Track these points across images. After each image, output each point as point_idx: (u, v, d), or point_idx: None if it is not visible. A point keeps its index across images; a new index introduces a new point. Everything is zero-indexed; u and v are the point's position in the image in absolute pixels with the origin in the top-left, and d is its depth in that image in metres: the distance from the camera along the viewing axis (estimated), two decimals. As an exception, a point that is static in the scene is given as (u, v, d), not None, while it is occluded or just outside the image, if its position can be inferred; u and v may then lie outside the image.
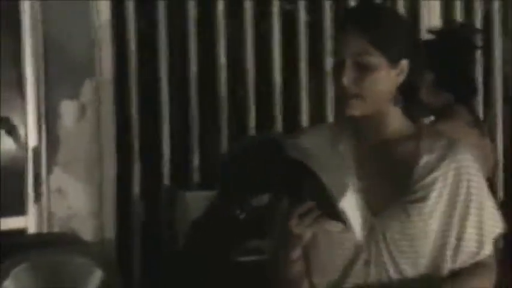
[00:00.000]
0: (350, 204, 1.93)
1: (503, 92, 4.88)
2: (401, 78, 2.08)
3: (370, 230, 2.05)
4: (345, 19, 2.11)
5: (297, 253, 2.03)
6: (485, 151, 3.15)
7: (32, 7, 3.60)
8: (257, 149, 2.00)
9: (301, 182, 1.95)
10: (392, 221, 2.05)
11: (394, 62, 2.06)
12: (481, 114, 4.56)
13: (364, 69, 2.03)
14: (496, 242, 2.16)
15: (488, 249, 2.11)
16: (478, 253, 2.11)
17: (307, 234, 1.99)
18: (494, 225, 2.13)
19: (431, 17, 4.50)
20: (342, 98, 2.06)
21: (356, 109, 2.05)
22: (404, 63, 2.08)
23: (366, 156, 2.10)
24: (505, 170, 4.76)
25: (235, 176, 2.03)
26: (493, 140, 4.05)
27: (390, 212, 2.05)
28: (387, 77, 2.06)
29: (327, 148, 2.13)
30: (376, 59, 2.03)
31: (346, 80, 2.03)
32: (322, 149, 2.11)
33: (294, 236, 1.98)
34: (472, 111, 3.23)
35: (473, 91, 3.37)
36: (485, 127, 3.30)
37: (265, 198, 2.01)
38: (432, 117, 3.13)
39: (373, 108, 2.07)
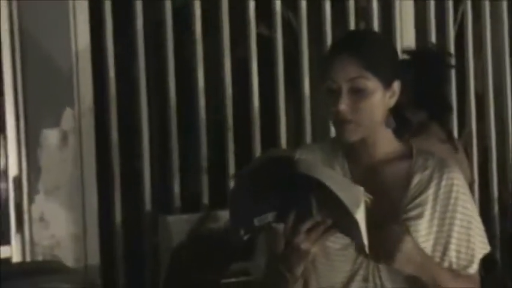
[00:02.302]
0: (362, 216, 1.96)
1: (477, 111, 4.94)
2: (393, 100, 2.14)
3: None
4: (337, 47, 2.16)
5: (300, 270, 2.05)
6: (460, 166, 3.20)
7: (10, 36, 3.61)
8: (268, 165, 2.02)
9: (310, 196, 1.98)
10: None
11: (387, 84, 2.11)
12: (456, 133, 4.62)
13: (360, 95, 2.08)
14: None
15: (474, 268, 2.14)
16: (465, 269, 2.13)
17: (314, 250, 2.01)
18: (482, 245, 2.16)
19: (404, 38, 4.56)
20: (338, 123, 2.11)
21: (353, 134, 2.10)
22: (396, 84, 2.13)
23: (360, 177, 2.13)
24: (480, 189, 4.81)
25: (240, 195, 2.04)
26: (468, 157, 4.09)
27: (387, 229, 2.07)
28: (382, 100, 2.11)
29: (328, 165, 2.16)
30: (372, 83, 2.09)
31: (343, 106, 2.07)
32: (326, 164, 2.14)
33: (300, 252, 2.01)
34: (446, 128, 3.29)
35: (447, 109, 3.43)
36: (459, 143, 3.36)
37: (267, 217, 2.03)
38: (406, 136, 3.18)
39: (368, 132, 2.12)
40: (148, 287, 3.91)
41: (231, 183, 2.04)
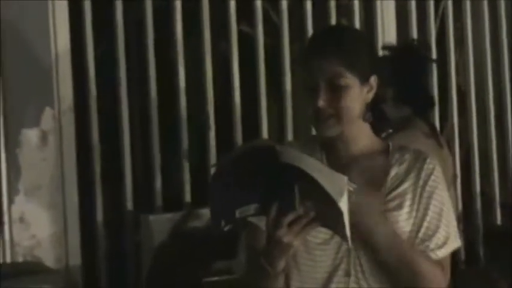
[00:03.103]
0: (346, 206, 1.95)
1: (459, 105, 4.95)
2: (371, 94, 2.17)
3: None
4: (314, 44, 2.18)
5: (283, 264, 2.05)
6: (443, 161, 3.20)
7: (-11, 36, 3.60)
8: (250, 156, 2.01)
9: (295, 187, 1.96)
10: None
11: (365, 79, 2.14)
12: (438, 127, 4.62)
13: (338, 90, 2.11)
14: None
15: (443, 253, 2.15)
16: (434, 252, 2.14)
17: (296, 243, 2.01)
18: (453, 239, 2.17)
19: (385, 35, 4.57)
20: (317, 119, 2.13)
21: (332, 129, 2.13)
22: (373, 79, 2.16)
23: (340, 171, 2.14)
24: (462, 183, 4.82)
25: (221, 187, 2.02)
26: (450, 152, 4.10)
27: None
28: (360, 95, 2.14)
29: None
30: (350, 79, 2.12)
31: (321, 103, 2.10)
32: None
33: (282, 245, 2.00)
34: (429, 123, 3.30)
35: (430, 103, 3.44)
36: (442, 138, 3.37)
37: (250, 209, 2.01)
38: (390, 131, 3.18)
39: (346, 126, 2.14)
40: (130, 287, 3.89)
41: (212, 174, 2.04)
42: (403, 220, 2.13)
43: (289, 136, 4.32)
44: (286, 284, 2.12)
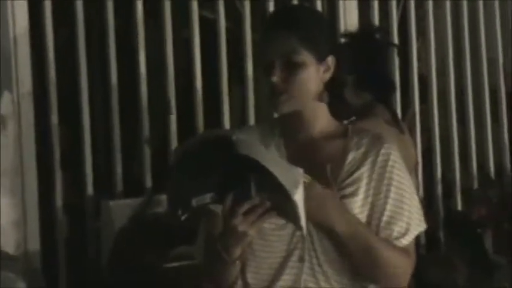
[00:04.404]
0: (301, 198, 1.95)
1: (421, 92, 4.98)
2: (328, 74, 2.15)
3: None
4: (272, 21, 2.19)
5: (238, 252, 2.05)
6: (405, 147, 3.21)
7: None
8: (207, 146, 2.00)
9: (248, 178, 1.96)
10: None
11: (321, 59, 2.13)
12: (400, 114, 4.65)
13: (293, 68, 2.10)
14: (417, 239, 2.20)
15: (407, 240, 2.13)
16: (398, 240, 2.13)
17: (252, 232, 2.01)
18: (417, 222, 2.16)
19: (347, 20, 4.57)
20: (272, 96, 2.12)
21: (286, 106, 2.12)
22: (330, 59, 2.15)
23: (296, 155, 2.14)
24: (423, 169, 4.85)
25: (178, 175, 2.02)
26: (412, 138, 4.12)
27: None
28: (315, 74, 2.13)
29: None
30: (305, 57, 2.11)
31: (276, 78, 2.09)
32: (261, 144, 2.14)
33: (238, 234, 2.00)
34: (390, 109, 3.30)
35: (391, 89, 3.44)
36: (404, 124, 3.38)
37: (206, 198, 2.01)
38: (353, 118, 3.18)
39: (301, 105, 2.13)
40: (90, 273, 3.87)
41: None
42: (358, 207, 2.11)
43: (251, 121, 4.31)
44: (242, 270, 2.11)
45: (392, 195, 2.13)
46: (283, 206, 1.98)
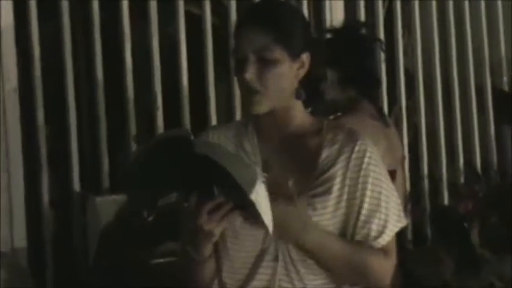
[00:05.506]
0: (261, 197, 1.94)
1: (407, 87, 4.98)
2: (302, 71, 2.11)
3: None
4: (245, 17, 2.14)
5: (208, 250, 2.04)
6: (391, 141, 3.22)
7: None
8: (165, 146, 1.98)
9: (211, 177, 1.96)
10: None
11: (295, 55, 2.09)
12: (386, 110, 4.65)
13: (266, 64, 2.07)
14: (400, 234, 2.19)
15: (385, 239, 2.11)
16: (376, 239, 2.11)
17: (217, 231, 1.99)
18: (396, 218, 2.13)
19: (333, 16, 4.57)
20: (246, 94, 2.09)
21: (260, 106, 2.08)
22: (305, 56, 2.11)
23: (271, 152, 2.12)
24: (410, 164, 4.86)
25: (139, 176, 2.00)
26: (399, 133, 4.13)
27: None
28: (289, 71, 2.09)
29: (233, 145, 2.15)
30: (278, 53, 2.07)
31: (249, 75, 2.06)
32: (228, 145, 2.13)
33: (204, 233, 1.98)
34: (375, 103, 3.31)
35: (376, 85, 3.45)
36: (389, 119, 3.38)
37: (172, 198, 2.00)
38: (339, 114, 3.19)
39: (276, 103, 2.10)
40: (77, 269, 3.87)
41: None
42: (332, 205, 2.08)
43: (238, 117, 4.31)
44: (217, 269, 2.11)
45: (369, 193, 2.09)
46: (246, 205, 1.96)
